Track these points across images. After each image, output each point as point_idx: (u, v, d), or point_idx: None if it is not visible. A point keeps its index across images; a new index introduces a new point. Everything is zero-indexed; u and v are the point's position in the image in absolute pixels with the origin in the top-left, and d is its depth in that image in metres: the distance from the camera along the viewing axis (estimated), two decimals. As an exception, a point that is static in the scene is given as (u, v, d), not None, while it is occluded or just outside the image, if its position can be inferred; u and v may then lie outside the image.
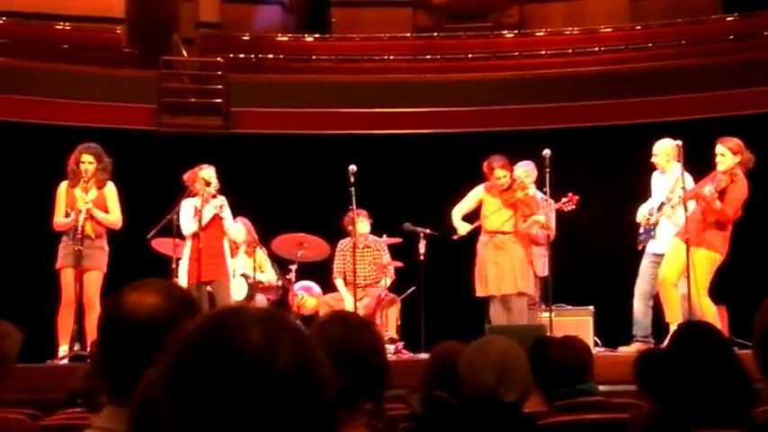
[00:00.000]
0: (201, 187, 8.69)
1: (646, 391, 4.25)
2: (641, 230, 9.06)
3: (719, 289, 8.40)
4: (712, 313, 8.13)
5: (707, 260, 8.22)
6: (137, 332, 1.80)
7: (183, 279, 8.67)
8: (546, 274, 9.18)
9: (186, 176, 8.88)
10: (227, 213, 8.78)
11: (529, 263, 9.08)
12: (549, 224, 9.09)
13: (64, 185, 8.56)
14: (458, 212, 9.22)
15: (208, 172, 8.78)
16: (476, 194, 9.21)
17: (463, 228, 9.13)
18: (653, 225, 8.88)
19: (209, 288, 8.75)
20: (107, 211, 8.55)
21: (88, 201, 8.45)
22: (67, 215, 8.47)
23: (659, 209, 8.75)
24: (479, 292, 9.05)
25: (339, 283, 9.96)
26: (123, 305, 1.86)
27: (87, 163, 8.48)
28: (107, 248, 8.60)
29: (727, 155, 8.23)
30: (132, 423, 1.13)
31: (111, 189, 8.65)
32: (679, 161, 8.47)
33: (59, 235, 8.55)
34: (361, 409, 2.36)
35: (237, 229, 9.00)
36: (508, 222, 9.02)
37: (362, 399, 2.34)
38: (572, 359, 4.48)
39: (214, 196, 8.76)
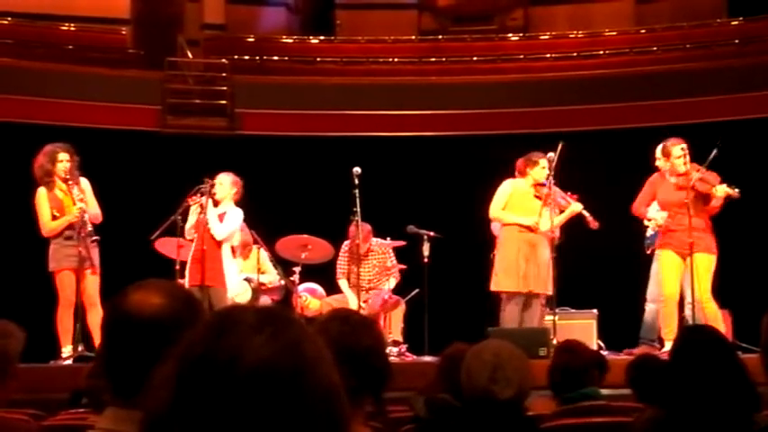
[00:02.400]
0: (207, 191, 8.71)
1: (638, 397, 4.26)
2: (648, 234, 9.06)
3: (724, 293, 8.40)
4: (719, 318, 8.14)
5: (709, 264, 8.28)
6: (141, 332, 1.80)
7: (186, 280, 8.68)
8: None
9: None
10: (210, 214, 8.70)
11: None
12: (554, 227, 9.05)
13: (43, 191, 8.42)
14: (499, 210, 8.86)
15: (219, 177, 8.82)
16: (505, 190, 8.88)
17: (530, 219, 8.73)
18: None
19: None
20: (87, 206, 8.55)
21: (83, 199, 8.43)
22: (55, 218, 8.42)
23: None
24: (506, 287, 8.69)
25: (343, 283, 9.96)
26: (128, 305, 1.86)
27: (65, 161, 8.46)
28: (97, 246, 8.59)
29: (687, 154, 8.31)
30: (143, 424, 1.13)
31: (86, 184, 8.60)
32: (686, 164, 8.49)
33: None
34: (362, 408, 2.36)
35: (223, 229, 8.84)
36: (541, 219, 8.84)
37: (363, 397, 2.35)
38: (573, 363, 4.48)
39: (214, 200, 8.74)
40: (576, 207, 8.87)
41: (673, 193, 8.39)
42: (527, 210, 8.82)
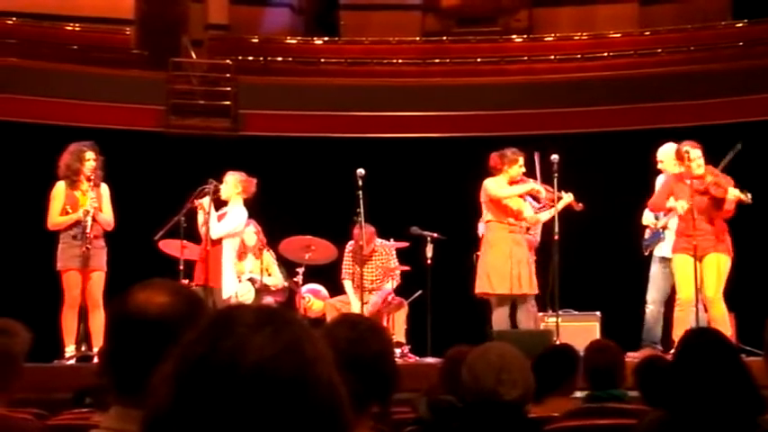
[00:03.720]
0: (210, 191, 8.73)
1: (646, 399, 4.25)
2: (647, 235, 9.05)
3: (728, 297, 8.39)
4: (726, 320, 8.10)
5: (726, 265, 8.22)
6: (147, 330, 1.80)
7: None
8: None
9: None
10: (212, 215, 8.74)
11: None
12: (535, 230, 9.07)
13: (62, 185, 8.47)
14: (500, 189, 8.74)
15: (225, 176, 8.85)
16: (492, 184, 8.86)
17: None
18: (662, 228, 8.86)
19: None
20: (101, 211, 8.55)
21: (96, 203, 8.45)
22: (66, 213, 8.44)
23: (666, 212, 8.74)
24: (496, 289, 8.63)
25: (347, 284, 9.96)
26: (133, 303, 1.86)
27: (92, 160, 8.49)
28: (106, 247, 8.60)
29: (702, 158, 8.25)
30: (144, 423, 1.13)
31: (105, 189, 8.64)
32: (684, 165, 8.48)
33: (56, 234, 8.51)
34: (368, 413, 2.36)
35: (219, 228, 8.88)
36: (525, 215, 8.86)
37: (370, 402, 2.34)
38: (603, 363, 4.47)
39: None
40: (567, 198, 8.89)
41: (688, 197, 8.24)
42: (515, 207, 8.83)
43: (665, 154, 8.82)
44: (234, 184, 8.91)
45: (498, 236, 8.79)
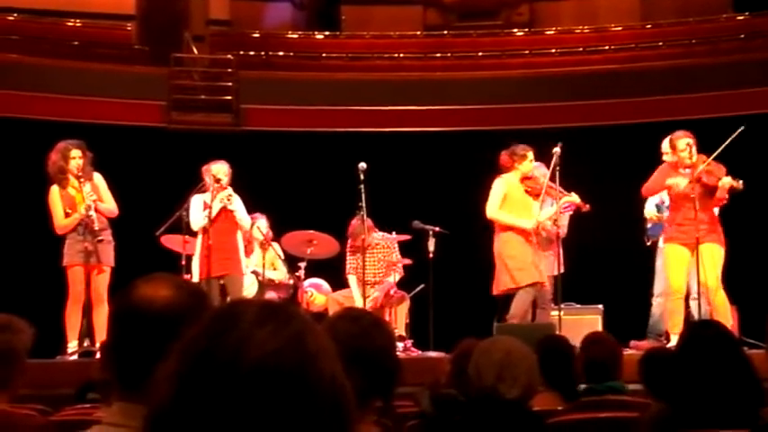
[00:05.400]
0: (211, 182, 8.67)
1: (650, 392, 4.25)
2: (649, 226, 9.04)
3: (730, 289, 8.38)
4: (728, 309, 8.09)
5: (719, 255, 8.21)
6: (150, 324, 1.80)
7: (195, 275, 8.67)
8: (556, 273, 9.11)
9: (203, 169, 8.82)
10: (236, 205, 8.71)
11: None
12: (560, 221, 9.00)
13: (56, 189, 8.45)
14: (497, 210, 8.71)
15: (218, 167, 8.74)
16: (500, 188, 8.77)
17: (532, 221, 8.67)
18: (665, 222, 8.86)
19: (221, 282, 8.72)
20: (102, 201, 8.53)
21: (93, 195, 8.43)
22: (68, 215, 8.44)
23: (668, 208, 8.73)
24: (527, 280, 8.53)
25: (352, 279, 9.94)
26: (137, 297, 1.86)
27: (78, 158, 8.46)
28: (113, 242, 8.59)
29: (693, 147, 8.22)
30: (147, 419, 1.13)
31: (100, 179, 8.61)
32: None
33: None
34: (370, 407, 2.36)
35: (246, 215, 8.87)
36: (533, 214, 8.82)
37: (373, 397, 2.34)
38: (600, 355, 4.47)
39: (223, 189, 8.69)
40: (572, 198, 8.85)
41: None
42: (523, 208, 8.76)
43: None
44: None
45: (502, 236, 8.72)
